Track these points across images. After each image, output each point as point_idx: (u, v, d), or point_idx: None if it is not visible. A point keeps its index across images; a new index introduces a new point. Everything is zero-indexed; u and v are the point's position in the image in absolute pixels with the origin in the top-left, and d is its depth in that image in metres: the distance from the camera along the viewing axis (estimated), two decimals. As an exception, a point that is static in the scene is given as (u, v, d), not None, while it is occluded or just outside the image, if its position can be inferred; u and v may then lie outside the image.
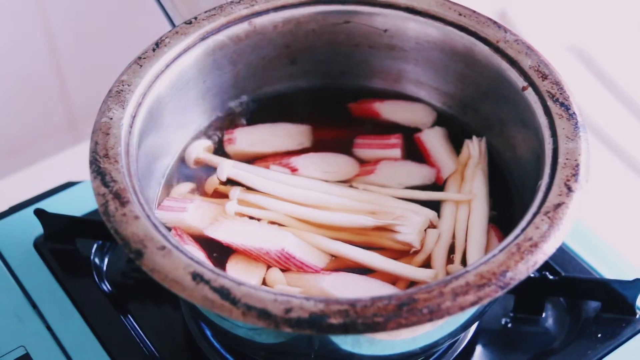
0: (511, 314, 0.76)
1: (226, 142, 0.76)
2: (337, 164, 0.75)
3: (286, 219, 0.70)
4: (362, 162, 0.76)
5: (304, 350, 0.63)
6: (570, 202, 0.60)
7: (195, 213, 0.69)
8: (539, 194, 0.62)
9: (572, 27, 1.27)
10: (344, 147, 0.77)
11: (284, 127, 0.77)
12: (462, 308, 0.55)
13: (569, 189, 0.61)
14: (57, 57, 1.25)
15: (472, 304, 0.56)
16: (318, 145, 0.77)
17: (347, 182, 0.74)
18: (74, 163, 0.93)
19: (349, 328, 0.54)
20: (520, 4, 1.29)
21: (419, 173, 0.74)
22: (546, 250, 0.58)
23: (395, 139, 0.76)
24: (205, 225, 0.69)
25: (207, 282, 0.56)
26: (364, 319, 0.54)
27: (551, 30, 1.25)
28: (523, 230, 0.59)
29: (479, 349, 0.75)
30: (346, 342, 0.61)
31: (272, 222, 0.70)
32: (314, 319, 0.54)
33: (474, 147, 0.74)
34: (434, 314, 0.55)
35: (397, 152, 0.75)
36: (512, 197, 0.71)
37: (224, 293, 0.55)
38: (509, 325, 0.76)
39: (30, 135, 1.27)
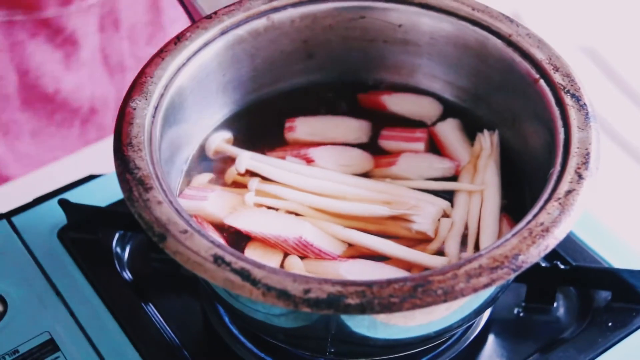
0: (523, 304, 0.78)
1: (286, 130, 0.78)
2: (353, 157, 0.77)
3: (303, 209, 0.72)
4: (385, 153, 0.77)
5: (321, 334, 0.65)
6: (581, 188, 0.62)
7: (216, 202, 0.71)
8: (551, 182, 0.63)
9: (585, 28, 1.28)
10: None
11: (345, 120, 0.79)
12: (475, 290, 0.57)
13: (580, 176, 0.63)
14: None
15: (486, 285, 0.57)
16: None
17: (367, 173, 0.76)
18: (95, 157, 0.95)
19: (366, 308, 0.56)
20: (533, 4, 1.30)
21: (440, 166, 0.76)
22: (557, 235, 0.60)
23: (421, 133, 0.78)
24: (224, 214, 0.71)
25: (228, 264, 0.58)
26: (380, 299, 0.56)
27: (563, 31, 1.27)
28: (535, 215, 0.61)
29: (491, 338, 0.76)
30: (362, 326, 0.63)
31: (290, 212, 0.72)
32: (332, 299, 0.56)
33: (486, 140, 0.76)
34: (448, 295, 0.56)
35: (420, 146, 0.77)
36: (524, 187, 0.73)
37: (244, 274, 0.57)
38: (521, 314, 0.77)
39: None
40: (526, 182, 0.73)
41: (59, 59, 0.98)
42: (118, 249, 0.81)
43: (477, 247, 0.70)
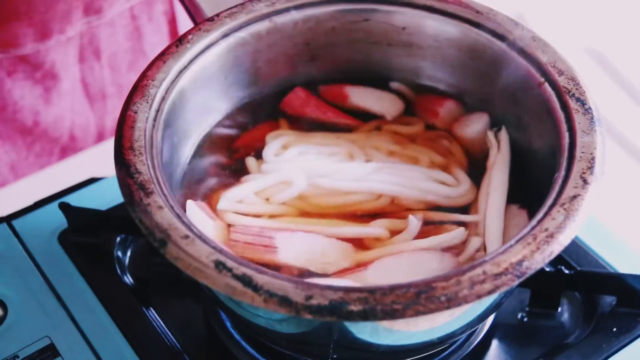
0: (527, 309, 0.77)
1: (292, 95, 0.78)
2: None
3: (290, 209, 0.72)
4: None
5: (324, 340, 0.65)
6: (585, 194, 0.61)
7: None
8: (555, 187, 0.63)
9: (589, 29, 1.28)
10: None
11: None
12: (479, 296, 0.56)
13: (585, 181, 0.62)
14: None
15: (489, 292, 0.57)
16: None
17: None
18: (96, 160, 0.94)
19: (368, 315, 0.55)
20: (537, 6, 1.30)
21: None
22: (562, 241, 0.59)
23: None
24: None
25: (229, 270, 0.57)
26: (383, 306, 0.55)
27: (568, 33, 1.26)
28: (539, 221, 0.60)
29: (495, 343, 0.76)
30: (365, 332, 0.63)
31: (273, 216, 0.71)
32: (334, 306, 0.55)
33: (493, 139, 0.75)
34: (452, 302, 0.56)
35: None
36: (528, 190, 0.72)
37: (246, 280, 0.57)
38: (525, 319, 0.77)
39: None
40: (530, 185, 0.72)
41: (38, 94, 0.95)
42: (119, 253, 0.80)
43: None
